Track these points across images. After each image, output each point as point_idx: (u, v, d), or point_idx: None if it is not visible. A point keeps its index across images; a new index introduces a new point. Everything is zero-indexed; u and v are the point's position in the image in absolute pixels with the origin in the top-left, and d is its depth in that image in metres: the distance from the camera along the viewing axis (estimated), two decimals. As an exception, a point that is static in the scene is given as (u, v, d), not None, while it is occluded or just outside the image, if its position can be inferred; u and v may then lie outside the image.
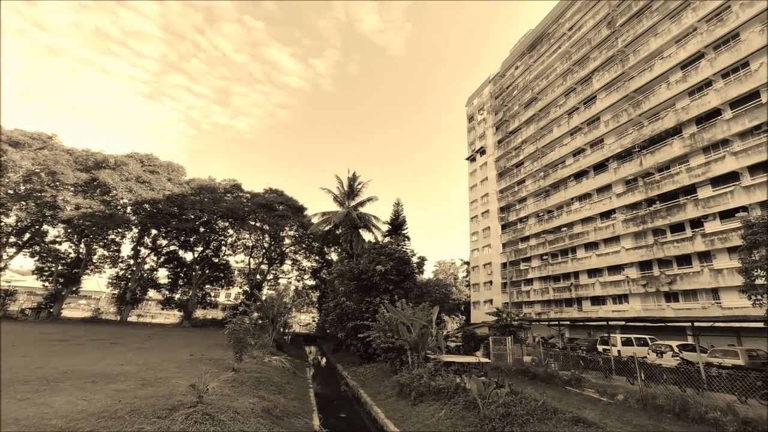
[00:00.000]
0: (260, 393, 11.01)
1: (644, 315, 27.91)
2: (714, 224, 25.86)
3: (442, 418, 10.07)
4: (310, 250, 48.79)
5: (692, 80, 28.33)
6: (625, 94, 33.44)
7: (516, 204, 46.80)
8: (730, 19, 26.40)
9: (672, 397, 10.78)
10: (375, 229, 33.75)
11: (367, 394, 15.04)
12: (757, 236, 13.66)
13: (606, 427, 8.49)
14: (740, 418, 8.97)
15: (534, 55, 48.12)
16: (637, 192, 31.35)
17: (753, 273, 13.66)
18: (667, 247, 28.35)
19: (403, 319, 15.81)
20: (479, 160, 56.86)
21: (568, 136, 40.10)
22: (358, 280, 24.22)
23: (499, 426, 8.23)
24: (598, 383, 14.85)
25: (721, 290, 24.91)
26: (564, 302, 37.60)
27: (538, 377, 16.84)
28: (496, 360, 21.46)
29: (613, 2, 36.20)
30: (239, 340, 14.59)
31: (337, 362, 25.94)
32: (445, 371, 13.19)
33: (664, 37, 30.77)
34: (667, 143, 29.58)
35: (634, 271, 30.85)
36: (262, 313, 25.00)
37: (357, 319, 22.44)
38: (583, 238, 35.75)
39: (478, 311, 48.23)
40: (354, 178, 34.36)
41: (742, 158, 24.46)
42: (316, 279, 48.52)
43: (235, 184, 45.75)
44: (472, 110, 61.91)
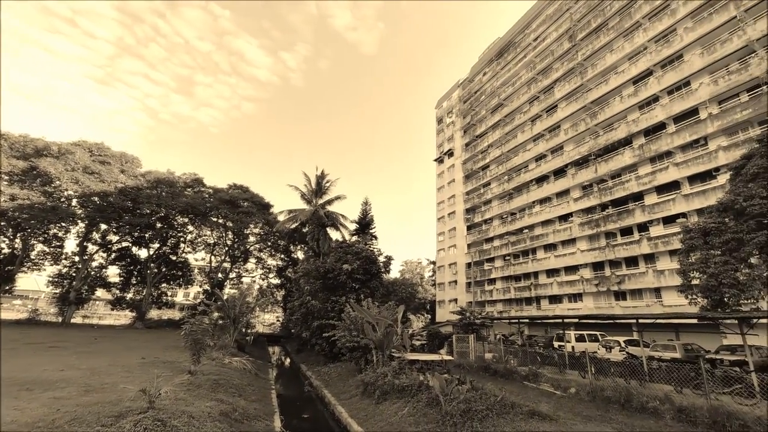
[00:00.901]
0: (218, 396, 10.56)
1: (596, 313, 29.72)
2: (658, 229, 28.01)
3: (405, 415, 10.14)
4: (276, 248, 47.58)
5: (642, 95, 30.52)
6: (583, 105, 35.44)
7: (481, 206, 48.24)
8: (675, 41, 28.70)
9: (618, 388, 11.54)
10: (342, 227, 33.53)
11: (331, 393, 14.88)
12: (694, 240, 14.93)
13: (559, 419, 8.92)
14: (676, 406, 9.77)
15: (501, 63, 49.82)
16: (592, 197, 33.33)
17: (689, 274, 14.91)
18: (618, 249, 30.37)
19: (369, 318, 15.79)
20: (447, 162, 58.03)
21: (531, 141, 41.88)
22: (325, 279, 23.91)
23: (459, 421, 8.41)
24: (554, 378, 15.60)
25: (662, 289, 27.03)
26: (524, 301, 39.25)
27: (498, 373, 17.42)
28: (459, 357, 21.97)
29: (575, 17, 38.23)
30: (197, 341, 13.91)
31: (301, 362, 25.50)
32: (409, 369, 13.30)
33: (619, 54, 32.93)
34: (619, 152, 31.68)
35: (588, 272, 32.78)
36: (223, 313, 24.02)
37: (322, 318, 22.15)
38: (543, 240, 37.50)
39: (443, 310, 49.23)
40: (322, 176, 33.93)
41: (683, 169, 26.70)
42: (281, 278, 47.41)
43: (196, 178, 43.58)
44: (441, 113, 63.08)
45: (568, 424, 8.72)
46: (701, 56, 26.85)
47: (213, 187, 43.60)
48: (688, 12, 28.02)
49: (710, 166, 25.08)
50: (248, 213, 41.78)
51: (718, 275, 13.29)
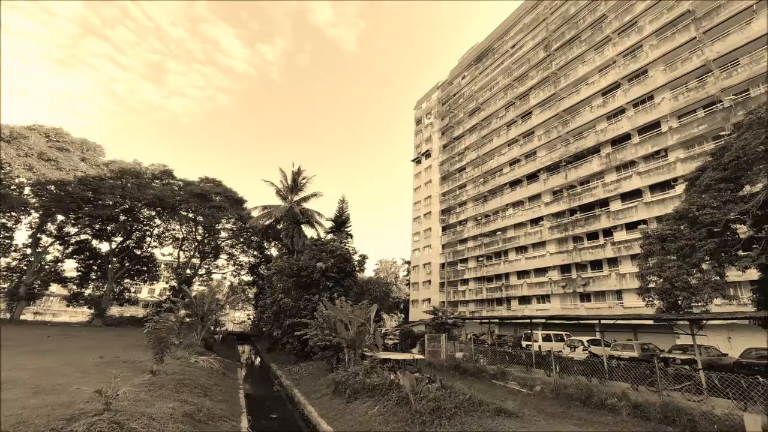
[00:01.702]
0: (182, 396, 10.17)
1: (563, 313, 30.90)
2: (621, 234, 29.47)
3: (375, 414, 10.16)
4: (249, 245, 46.43)
5: (610, 106, 32.01)
6: (556, 113, 36.74)
7: (457, 207, 49.04)
8: (641, 56, 30.27)
9: (580, 386, 12.05)
10: (318, 225, 33.17)
11: (301, 393, 14.69)
12: (652, 246, 15.79)
13: (523, 417, 9.21)
14: (632, 402, 10.31)
15: (480, 67, 50.82)
16: (562, 202, 34.62)
17: (647, 278, 15.76)
18: (584, 252, 31.72)
19: (342, 317, 15.70)
20: (424, 163, 58.61)
21: (506, 146, 42.98)
22: (298, 277, 23.58)
23: (428, 419, 8.51)
24: (521, 376, 16.09)
25: (623, 292, 28.46)
26: (495, 301, 40.26)
27: (468, 372, 17.77)
28: (431, 356, 22.25)
29: (550, 28, 39.55)
30: (161, 339, 13.35)
31: (271, 361, 25.06)
32: (380, 368, 13.33)
33: (590, 66, 34.37)
34: (588, 160, 33.08)
35: (556, 274, 34.04)
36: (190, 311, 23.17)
37: (295, 316, 21.84)
38: (515, 242, 38.60)
39: (417, 309, 49.70)
40: (299, 173, 33.43)
41: (645, 178, 28.22)
42: (253, 275, 46.33)
43: (165, 170, 41.78)
44: (420, 113, 63.63)
45: (532, 421, 9.01)
46: (664, 72, 28.46)
47: (183, 179, 41.96)
48: (653, 30, 29.61)
49: (669, 176, 26.63)
50: (220, 208, 40.53)
51: (673, 279, 14.13)
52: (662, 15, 29.14)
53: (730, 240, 14.35)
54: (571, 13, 37.50)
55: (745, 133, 13.61)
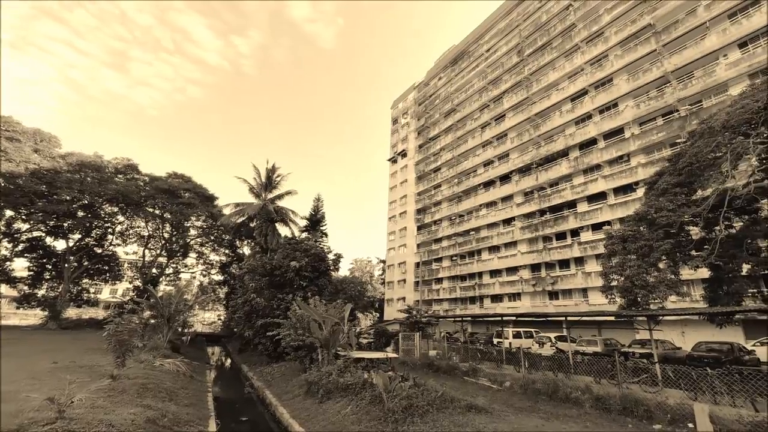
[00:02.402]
0: (146, 402, 9.71)
1: (532, 311, 31.95)
2: (587, 234, 30.82)
3: (348, 414, 10.12)
4: (220, 243, 44.98)
5: (578, 112, 33.39)
6: (528, 117, 37.91)
7: (432, 207, 49.64)
8: (607, 65, 31.76)
9: (546, 381, 12.50)
10: (292, 223, 32.66)
11: (273, 394, 14.41)
12: (615, 246, 16.60)
13: (493, 412, 9.44)
14: (594, 395, 10.81)
15: (456, 69, 51.64)
16: (532, 203, 35.78)
17: (610, 276, 16.55)
18: (553, 252, 32.94)
19: (316, 317, 15.52)
20: (400, 162, 58.92)
21: (480, 147, 43.91)
22: (271, 276, 23.11)
23: (401, 417, 8.56)
24: (491, 372, 16.49)
25: (589, 290, 29.79)
26: (469, 300, 41.09)
27: (441, 370, 18.03)
28: (405, 355, 22.40)
29: (524, 34, 40.75)
30: (122, 342, 12.70)
31: (242, 363, 24.46)
32: (354, 368, 13.28)
33: (560, 72, 35.70)
34: (558, 163, 34.37)
35: (527, 273, 35.16)
36: (156, 312, 22.20)
37: (267, 316, 21.40)
38: (488, 242, 39.53)
39: (391, 308, 49.92)
40: (273, 170, 32.76)
41: (610, 181, 29.64)
42: (224, 274, 44.96)
43: (129, 164, 39.63)
44: (397, 113, 63.90)
45: (501, 415, 9.25)
46: (627, 82, 29.99)
47: (149, 174, 39.99)
48: (618, 41, 31.12)
49: (631, 180, 28.11)
50: (190, 204, 38.96)
51: (633, 277, 14.91)
52: (626, 27, 30.68)
53: (684, 241, 15.32)
54: (543, 21, 38.78)
55: (698, 141, 14.56)
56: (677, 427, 8.59)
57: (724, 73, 24.43)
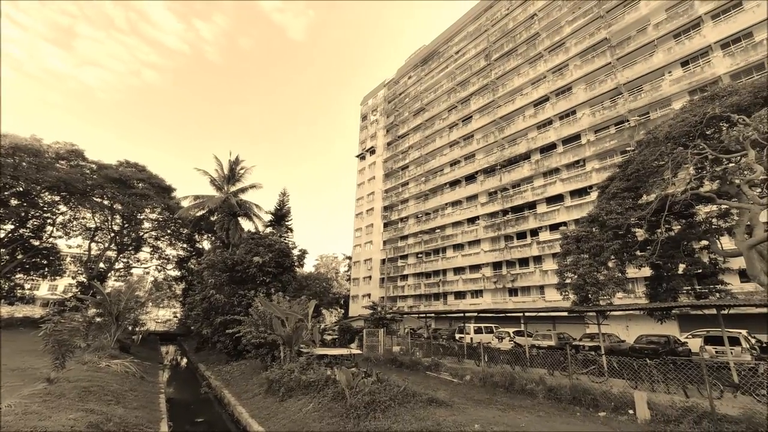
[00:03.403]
0: (88, 406, 9.02)
1: (493, 307, 33.14)
2: (545, 234, 32.40)
3: (310, 411, 9.98)
4: (177, 237, 42.63)
5: (540, 117, 34.93)
6: (493, 119, 39.14)
7: (399, 204, 50.04)
8: (567, 74, 33.45)
9: (504, 374, 13.03)
10: (256, 218, 31.63)
11: (232, 393, 13.93)
12: (569, 245, 17.57)
13: (453, 405, 9.69)
14: (547, 386, 11.40)
15: (426, 69, 52.24)
16: (496, 203, 37.05)
17: (565, 274, 17.51)
18: (514, 250, 34.32)
19: (278, 314, 15.15)
20: (369, 159, 58.83)
21: (448, 147, 44.79)
22: (232, 272, 22.27)
23: (363, 413, 8.56)
24: (453, 367, 16.93)
25: (546, 287, 31.34)
26: (433, 296, 41.91)
27: (404, 365, 18.25)
28: (369, 351, 22.46)
29: (491, 39, 41.95)
30: (62, 342, 11.70)
31: (200, 362, 23.46)
32: (317, 364, 13.13)
33: (524, 78, 37.14)
34: (520, 165, 35.79)
35: (489, 270, 36.40)
36: (103, 309, 20.66)
37: (227, 313, 20.63)
38: (453, 240, 40.48)
39: (357, 305, 49.87)
40: (236, 162, 31.51)
41: (567, 184, 31.31)
42: (182, 269, 42.70)
43: (73, 149, 36.28)
44: (367, 110, 63.68)
45: (461, 408, 9.50)
46: (585, 91, 31.78)
47: (97, 162, 36.97)
48: (578, 52, 32.86)
49: (586, 183, 29.85)
50: (144, 195, 36.56)
51: (585, 275, 15.86)
52: (585, 39, 32.46)
53: (631, 242, 16.50)
54: (509, 28, 40.11)
55: (645, 150, 15.71)
56: (620, 414, 9.25)
57: (668, 89, 26.53)
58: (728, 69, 23.82)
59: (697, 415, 7.97)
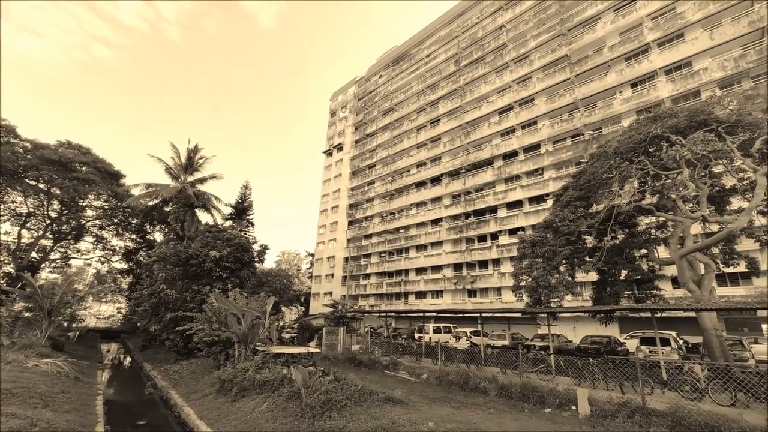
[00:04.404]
0: (9, 409, 8.16)
1: (453, 308, 34.03)
2: (505, 238, 33.74)
3: (264, 411, 9.69)
4: (126, 227, 39.67)
5: (504, 125, 36.32)
6: (460, 124, 40.16)
7: (364, 203, 49.98)
8: (531, 86, 35.05)
9: (459, 373, 13.40)
10: (215, 210, 30.21)
11: (180, 394, 13.21)
12: (525, 250, 18.42)
13: (409, 403, 9.80)
14: (499, 384, 11.86)
15: (397, 70, 52.56)
16: (459, 206, 38.05)
17: (520, 277, 18.33)
18: (474, 253, 35.42)
19: (234, 310, 14.57)
20: (336, 156, 58.25)
21: (415, 148, 45.36)
22: (186, 266, 21.10)
23: (318, 412, 8.44)
24: (411, 366, 17.14)
25: (503, 289, 32.63)
26: (394, 296, 42.27)
27: (363, 364, 18.23)
28: (328, 349, 22.21)
29: (461, 45, 43.01)
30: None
31: (145, 361, 22.06)
32: (273, 363, 12.78)
33: (491, 86, 38.45)
34: (484, 170, 37.01)
35: (450, 271, 37.31)
36: (33, 304, 18.81)
37: (179, 309, 19.54)
38: (416, 240, 41.07)
39: (318, 302, 49.21)
40: (195, 151, 29.92)
41: (526, 191, 32.80)
42: (129, 262, 39.85)
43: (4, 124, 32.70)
44: (336, 106, 62.99)
45: (416, 406, 9.63)
46: (546, 103, 33.46)
47: (32, 140, 33.39)
48: (541, 65, 34.52)
49: (544, 191, 31.43)
50: (88, 180, 33.60)
51: (538, 278, 16.71)
52: (548, 54, 34.17)
53: (581, 248, 17.57)
54: (479, 36, 41.33)
55: (596, 163, 16.80)
56: (564, 410, 9.81)
57: (619, 107, 28.59)
58: (670, 93, 26.09)
59: (630, 409, 8.63)
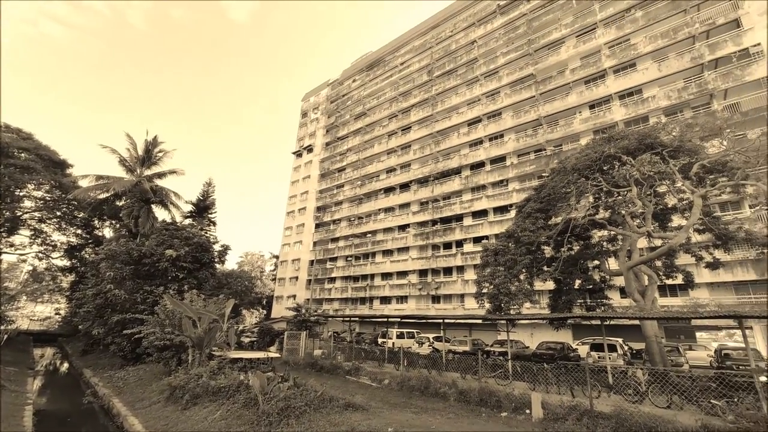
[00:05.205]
0: None
1: (417, 313, 34.33)
2: (469, 246, 34.61)
3: (217, 419, 9.24)
4: (70, 221, 36.63)
5: (473, 136, 37.47)
6: (431, 132, 40.95)
7: (332, 206, 49.53)
8: (498, 100, 36.48)
9: (421, 378, 13.51)
10: (173, 207, 28.73)
11: (124, 402, 12.30)
12: (488, 258, 19.00)
13: (370, 409, 9.73)
14: (458, 389, 12.07)
15: (370, 75, 52.84)
16: (426, 213, 38.65)
17: (482, 284, 18.86)
18: (439, 259, 36.04)
19: (190, 313, 13.84)
20: (305, 157, 57.41)
21: (385, 154, 45.66)
22: (139, 265, 19.85)
23: (276, 420, 8.19)
24: (373, 371, 17.06)
25: (466, 295, 33.37)
26: (359, 300, 42.02)
27: (324, 369, 17.93)
28: (289, 354, 21.65)
29: (435, 56, 44.04)
30: None
31: (86, 367, 20.38)
32: (230, 369, 12.25)
33: (461, 98, 39.61)
34: (452, 179, 37.90)
35: (415, 277, 37.69)
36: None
37: (128, 311, 18.29)
38: (383, 245, 41.17)
39: (281, 306, 47.93)
40: (154, 143, 28.39)
41: (492, 201, 33.93)
42: (73, 259, 36.83)
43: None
44: (308, 107, 62.22)
45: (376, 412, 9.58)
46: (512, 118, 34.94)
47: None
48: (509, 82, 36.06)
49: (508, 202, 32.63)
50: (27, 168, 30.71)
51: (500, 286, 17.28)
52: (515, 72, 35.77)
53: (540, 257, 18.40)
54: (452, 49, 42.54)
55: (556, 177, 17.72)
56: (518, 414, 10.15)
57: (578, 126, 30.42)
58: (623, 117, 28.14)
59: (579, 412, 9.09)
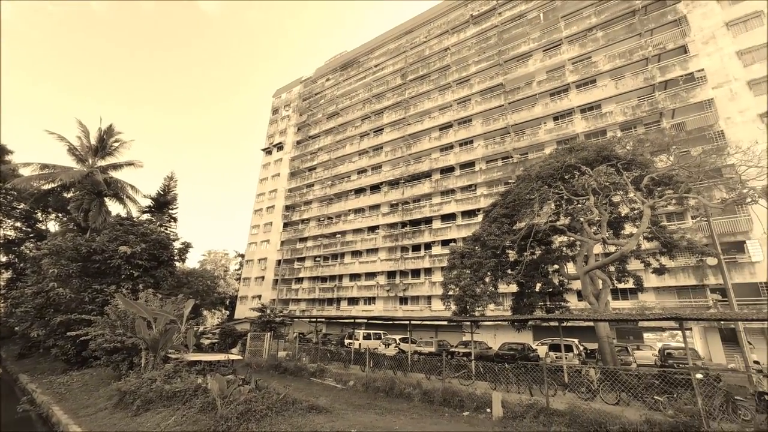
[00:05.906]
0: None
1: (384, 315, 34.38)
2: (437, 249, 35.19)
3: (171, 425, 8.77)
4: (8, 213, 33.55)
5: (444, 141, 38.21)
6: (402, 135, 41.32)
7: (302, 205, 48.71)
8: (469, 107, 37.46)
9: (386, 379, 13.52)
10: (130, 201, 27.09)
11: (65, 410, 11.39)
12: (455, 260, 19.40)
13: (334, 411, 9.61)
14: (423, 390, 12.19)
15: (344, 75, 52.54)
16: (396, 215, 38.91)
17: (449, 286, 19.21)
18: (408, 261, 36.37)
19: (144, 313, 13.06)
20: (275, 155, 56.10)
21: (357, 155, 45.53)
22: (88, 261, 18.47)
23: (235, 424, 7.89)
24: (338, 373, 16.87)
25: (433, 297, 33.85)
26: (327, 301, 41.53)
27: (288, 371, 17.51)
28: (252, 356, 20.98)
29: (409, 60, 44.54)
30: None
31: (22, 372, 18.69)
32: (187, 372, 11.66)
33: (434, 103, 40.30)
34: (422, 182, 38.41)
35: (384, 279, 37.78)
36: None
37: (73, 311, 16.95)
38: (352, 246, 40.96)
39: (245, 306, 46.39)
40: (110, 133, 26.64)
41: (460, 205, 34.71)
42: (10, 254, 33.70)
43: None
44: (279, 103, 60.88)
45: (340, 414, 9.47)
46: (482, 125, 35.99)
47: None
48: (480, 90, 37.15)
49: (475, 206, 33.51)
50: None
51: (465, 288, 17.68)
52: (486, 81, 36.92)
53: (504, 261, 19.00)
54: (426, 54, 43.21)
55: (521, 184, 18.42)
56: (480, 413, 10.39)
57: (543, 136, 31.83)
58: (584, 129, 29.77)
59: (536, 410, 9.46)
